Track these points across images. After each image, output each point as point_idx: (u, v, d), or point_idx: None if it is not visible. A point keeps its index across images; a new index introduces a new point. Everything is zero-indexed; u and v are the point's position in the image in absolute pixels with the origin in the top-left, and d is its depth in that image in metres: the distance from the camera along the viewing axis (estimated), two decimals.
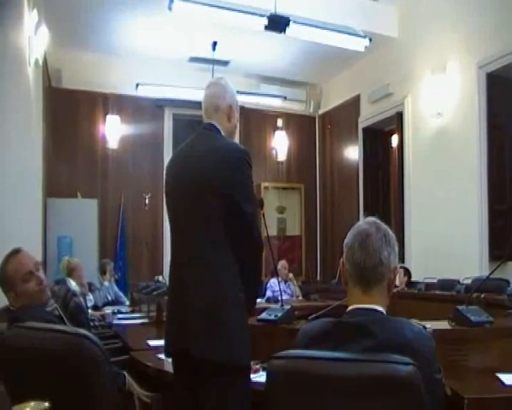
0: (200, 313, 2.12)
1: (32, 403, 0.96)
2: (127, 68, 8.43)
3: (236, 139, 8.79)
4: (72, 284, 5.80)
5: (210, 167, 2.18)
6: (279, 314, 2.73)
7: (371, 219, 1.73)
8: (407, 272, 6.47)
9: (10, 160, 4.01)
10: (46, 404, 0.97)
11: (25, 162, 4.94)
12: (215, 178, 2.16)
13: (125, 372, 2.51)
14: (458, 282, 5.37)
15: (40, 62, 6.15)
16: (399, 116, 7.81)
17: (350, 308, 1.67)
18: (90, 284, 6.76)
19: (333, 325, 1.64)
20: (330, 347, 1.54)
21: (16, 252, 2.48)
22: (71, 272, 6.07)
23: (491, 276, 3.14)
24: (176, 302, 2.25)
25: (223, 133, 2.33)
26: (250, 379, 2.20)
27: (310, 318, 2.42)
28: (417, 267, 6.76)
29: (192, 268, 2.19)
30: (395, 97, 7.92)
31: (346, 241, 1.71)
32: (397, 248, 1.71)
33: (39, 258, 6.67)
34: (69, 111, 8.32)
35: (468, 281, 5.02)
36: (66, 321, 2.63)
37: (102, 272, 7.25)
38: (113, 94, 8.56)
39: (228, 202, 2.14)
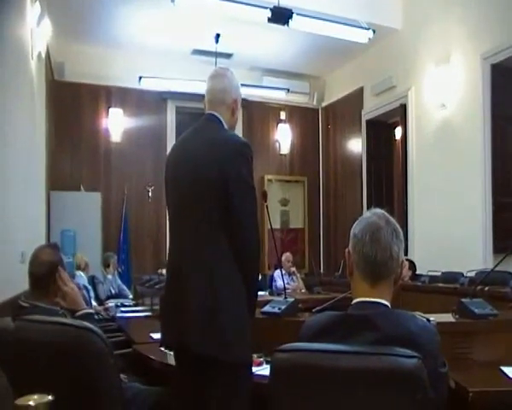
0: (196, 309, 2.11)
1: (36, 396, 0.96)
2: (130, 61, 8.40)
3: (239, 131, 8.86)
4: (83, 275, 6.37)
5: (209, 159, 2.18)
6: (283, 307, 2.72)
7: (379, 211, 1.71)
8: (412, 265, 6.45)
9: (14, 153, 4.01)
10: (49, 397, 0.96)
11: (28, 155, 4.94)
12: (213, 170, 2.15)
13: None
14: (462, 275, 5.35)
15: (43, 55, 6.14)
16: (403, 108, 7.78)
17: (355, 301, 1.66)
18: (93, 277, 6.79)
19: (338, 318, 1.63)
20: (335, 340, 1.52)
21: None
22: (85, 266, 6.58)
23: (495, 269, 3.12)
24: (173, 295, 2.25)
25: (225, 125, 2.33)
26: (250, 376, 2.19)
27: (314, 310, 2.41)
28: (421, 260, 6.73)
29: (189, 261, 2.18)
30: (399, 89, 7.89)
31: (354, 232, 1.68)
32: (403, 243, 1.69)
33: None
34: (72, 104, 8.32)
35: (472, 274, 5.00)
36: None
37: (106, 265, 7.27)
38: (116, 87, 8.55)
39: (225, 195, 2.14)
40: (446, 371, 1.60)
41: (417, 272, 6.43)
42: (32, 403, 0.94)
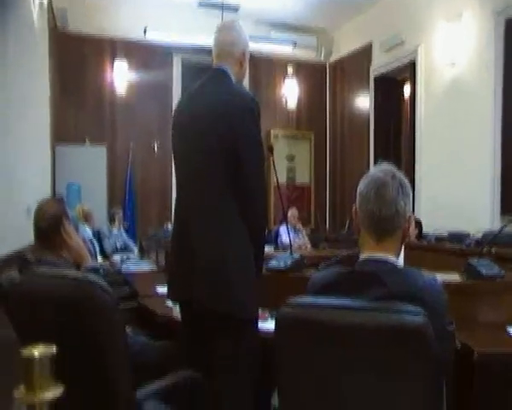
0: (202, 265, 2.12)
1: (41, 347, 0.96)
2: (135, 12, 8.24)
3: (245, 86, 8.72)
4: (87, 229, 6.25)
5: (217, 114, 2.16)
6: (288, 262, 2.71)
7: (385, 166, 1.68)
8: (417, 224, 6.42)
9: (17, 106, 3.96)
10: (54, 348, 0.97)
11: (32, 108, 4.89)
12: (221, 126, 2.14)
13: None
14: (468, 235, 5.32)
15: (45, 3, 6.01)
16: (412, 66, 7.63)
17: (362, 258, 1.65)
18: (99, 232, 6.81)
19: (344, 273, 1.61)
20: (341, 296, 1.51)
21: None
22: (86, 217, 6.44)
23: (502, 230, 3.09)
24: (180, 251, 2.26)
25: (233, 78, 2.30)
26: (256, 330, 2.21)
27: (320, 266, 2.39)
28: (427, 219, 6.70)
29: (196, 218, 2.18)
30: (408, 46, 7.72)
31: (359, 188, 1.67)
32: (411, 196, 1.67)
33: None
34: (76, 55, 8.19)
35: (479, 234, 4.97)
36: None
37: (111, 219, 7.29)
38: (121, 39, 8.40)
39: (233, 150, 2.12)
40: (453, 330, 1.59)
41: (424, 232, 6.41)
42: (36, 354, 0.94)
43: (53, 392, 0.95)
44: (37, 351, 0.95)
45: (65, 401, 0.97)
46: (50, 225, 2.41)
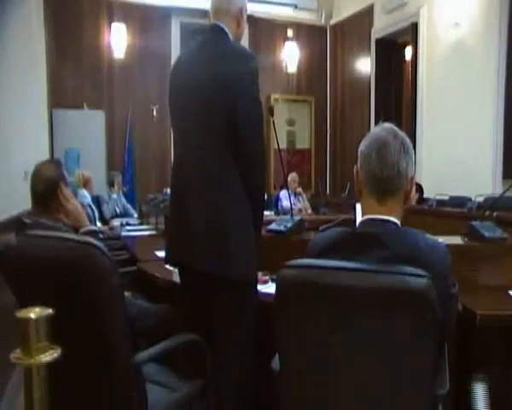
0: (202, 228, 2.11)
1: (37, 309, 0.95)
2: None
3: None
4: (86, 194, 6.21)
5: (217, 77, 2.12)
6: (289, 225, 2.70)
7: (387, 125, 1.64)
8: (419, 188, 6.40)
9: (14, 71, 3.90)
10: (50, 310, 0.95)
11: (29, 72, 4.82)
12: (221, 88, 2.10)
13: None
14: (470, 199, 5.30)
15: None
16: (414, 27, 7.52)
17: (364, 219, 1.62)
18: (98, 197, 6.78)
19: (345, 235, 1.58)
20: (342, 257, 1.48)
21: None
22: (85, 183, 6.36)
23: (504, 194, 3.06)
24: (179, 215, 2.24)
25: (230, 37, 2.26)
26: (255, 292, 2.22)
27: (321, 228, 2.37)
28: (428, 184, 6.68)
29: (196, 181, 2.17)
30: (410, 7, 7.61)
31: (361, 148, 1.63)
32: (414, 157, 1.63)
33: None
34: (72, 18, 8.01)
35: (481, 198, 4.95)
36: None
37: (110, 184, 7.25)
38: (118, 1, 8.24)
39: (232, 113, 2.09)
40: (456, 292, 1.58)
41: (425, 196, 6.39)
42: (32, 316, 0.93)
43: (50, 354, 0.94)
44: (33, 313, 0.94)
45: (63, 365, 0.96)
46: (47, 187, 2.38)
